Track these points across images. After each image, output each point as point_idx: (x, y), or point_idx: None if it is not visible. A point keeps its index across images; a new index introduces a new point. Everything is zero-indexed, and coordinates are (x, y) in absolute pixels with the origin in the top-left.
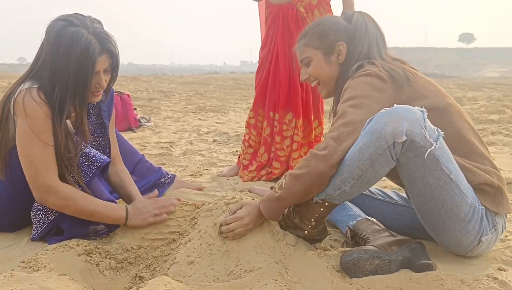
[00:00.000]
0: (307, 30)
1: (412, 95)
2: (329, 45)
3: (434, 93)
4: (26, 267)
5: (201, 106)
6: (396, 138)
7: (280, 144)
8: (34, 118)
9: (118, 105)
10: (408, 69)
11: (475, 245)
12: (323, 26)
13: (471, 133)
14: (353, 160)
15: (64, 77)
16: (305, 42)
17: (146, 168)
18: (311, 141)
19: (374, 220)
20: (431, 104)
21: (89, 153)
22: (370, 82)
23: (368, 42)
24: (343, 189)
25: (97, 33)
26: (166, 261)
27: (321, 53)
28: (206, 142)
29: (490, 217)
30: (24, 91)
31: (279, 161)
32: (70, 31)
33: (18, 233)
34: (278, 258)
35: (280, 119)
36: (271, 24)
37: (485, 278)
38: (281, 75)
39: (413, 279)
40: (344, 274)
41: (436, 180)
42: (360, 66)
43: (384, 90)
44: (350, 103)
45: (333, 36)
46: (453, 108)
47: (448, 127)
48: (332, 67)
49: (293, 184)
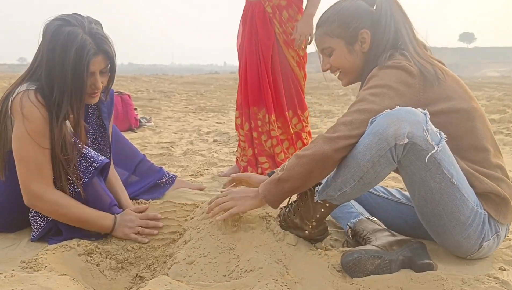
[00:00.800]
0: (326, 16)
1: (439, 95)
2: (351, 33)
3: (460, 95)
4: (26, 267)
5: (202, 106)
6: (398, 140)
7: (258, 139)
8: (31, 120)
9: (118, 105)
10: (440, 67)
11: (475, 250)
12: (343, 12)
13: (490, 140)
14: (354, 161)
15: (61, 78)
16: (325, 30)
17: (147, 168)
18: (291, 137)
19: (375, 220)
20: (456, 106)
21: (87, 154)
22: (397, 74)
23: (394, 28)
24: (344, 190)
25: (93, 33)
26: (166, 261)
27: (344, 42)
28: (206, 142)
29: (493, 223)
30: (21, 93)
31: (263, 156)
32: (65, 30)
33: (18, 234)
34: (279, 258)
35: (253, 115)
36: (243, 21)
37: (486, 278)
38: (248, 71)
39: (414, 278)
40: (345, 274)
41: (437, 183)
42: (391, 56)
43: (410, 85)
44: (372, 91)
45: (356, 23)
46: (477, 112)
47: (469, 132)
48: (356, 57)
49: (295, 164)
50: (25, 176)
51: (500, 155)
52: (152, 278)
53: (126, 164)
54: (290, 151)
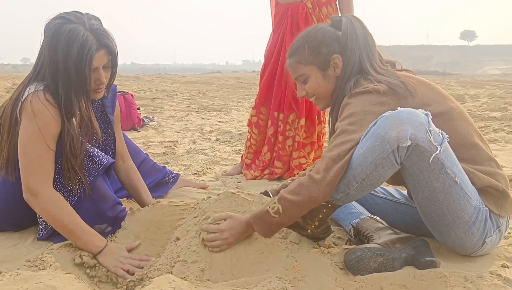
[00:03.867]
0: (297, 45)
1: (414, 106)
2: (323, 59)
3: (435, 99)
4: (32, 266)
5: (204, 105)
6: (401, 142)
7: (282, 143)
8: (42, 119)
9: (121, 104)
10: (406, 78)
11: (479, 247)
12: (313, 40)
13: (475, 134)
14: (357, 164)
15: (65, 76)
16: (297, 59)
17: (150, 167)
18: (314, 141)
19: (377, 218)
20: (433, 111)
21: (93, 154)
22: (368, 97)
23: (359, 50)
24: (347, 192)
25: (94, 29)
26: (171, 259)
27: (317, 68)
28: (209, 141)
29: (494, 218)
30: (31, 95)
31: (281, 161)
32: (67, 28)
33: (23, 233)
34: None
35: (284, 119)
36: (279, 22)
37: (489, 275)
38: (288, 75)
39: (416, 276)
40: (348, 271)
41: (440, 184)
42: (356, 83)
43: (384, 103)
44: (350, 120)
45: (326, 49)
46: (456, 111)
47: (452, 132)
48: (330, 82)
49: (294, 210)
50: (26, 170)
51: (488, 147)
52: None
53: None
54: (310, 156)
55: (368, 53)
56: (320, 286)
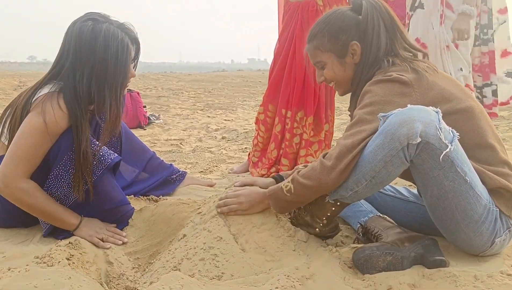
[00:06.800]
0: (316, 31)
1: (436, 99)
2: (341, 46)
3: (457, 95)
4: (40, 263)
5: (210, 103)
6: (410, 140)
7: (289, 141)
8: (50, 117)
9: (128, 103)
10: (432, 69)
11: (488, 246)
12: (332, 26)
13: (492, 136)
14: (366, 161)
15: (102, 73)
16: (315, 45)
17: (157, 164)
18: (321, 140)
19: (386, 217)
20: (454, 107)
21: (99, 152)
22: (391, 87)
23: (381, 36)
24: (356, 189)
25: (120, 25)
26: (179, 256)
27: (335, 56)
28: (215, 139)
29: (505, 219)
30: (44, 95)
31: (287, 158)
32: (102, 28)
33: (31, 229)
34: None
35: (292, 116)
36: (289, 20)
37: (499, 275)
38: (297, 72)
39: (426, 275)
40: (356, 270)
41: (450, 182)
42: (380, 69)
43: (407, 94)
44: (368, 110)
45: (344, 36)
46: (476, 110)
47: (470, 130)
48: (348, 69)
49: (304, 193)
50: (10, 158)
51: (504, 149)
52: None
53: (136, 162)
54: (317, 154)
55: (392, 38)
56: (329, 285)
